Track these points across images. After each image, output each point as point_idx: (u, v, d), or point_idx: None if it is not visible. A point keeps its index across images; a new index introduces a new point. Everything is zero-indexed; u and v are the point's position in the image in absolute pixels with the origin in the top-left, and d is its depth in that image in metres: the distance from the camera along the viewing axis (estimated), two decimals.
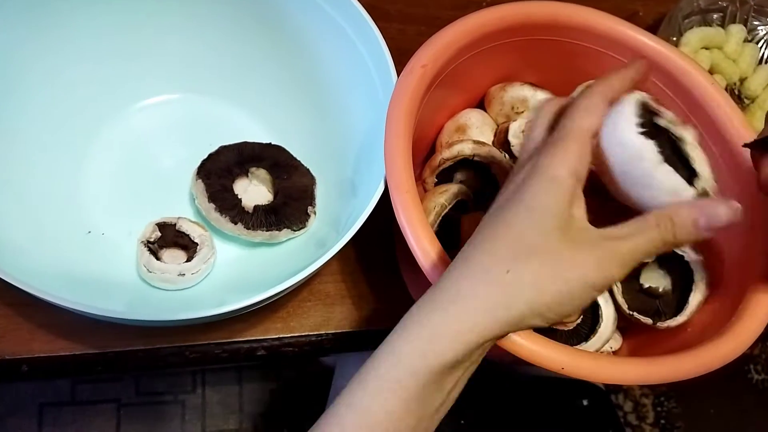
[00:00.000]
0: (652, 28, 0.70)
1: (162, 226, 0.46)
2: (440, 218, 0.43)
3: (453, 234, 0.45)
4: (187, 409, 0.78)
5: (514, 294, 0.28)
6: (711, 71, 0.63)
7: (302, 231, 0.48)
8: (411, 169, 0.39)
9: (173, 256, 0.46)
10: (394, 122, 0.40)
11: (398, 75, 0.45)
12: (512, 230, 0.29)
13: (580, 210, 0.29)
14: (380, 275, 0.51)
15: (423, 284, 0.39)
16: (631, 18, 0.70)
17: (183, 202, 0.50)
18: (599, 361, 0.35)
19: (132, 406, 0.76)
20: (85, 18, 0.46)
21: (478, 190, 0.48)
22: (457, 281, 0.29)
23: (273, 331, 0.48)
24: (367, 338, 0.50)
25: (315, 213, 0.49)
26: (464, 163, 0.46)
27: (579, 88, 0.44)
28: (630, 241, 0.28)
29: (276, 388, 0.80)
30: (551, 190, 0.28)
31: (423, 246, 0.36)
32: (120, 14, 0.48)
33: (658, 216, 0.29)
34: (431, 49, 0.43)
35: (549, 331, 0.43)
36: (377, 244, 0.51)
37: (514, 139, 0.47)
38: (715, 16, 0.66)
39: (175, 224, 0.46)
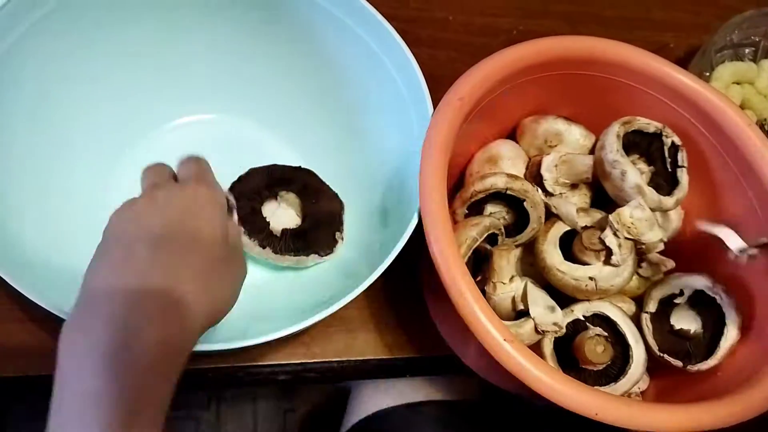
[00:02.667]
0: (683, 61, 0.70)
1: None
2: (471, 251, 0.43)
3: (482, 265, 0.45)
4: (201, 426, 0.78)
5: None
6: (742, 106, 0.63)
7: (329, 256, 0.48)
8: (446, 204, 0.39)
9: None
10: (431, 156, 0.39)
11: (430, 100, 0.45)
12: None
13: None
14: (404, 303, 0.51)
15: (449, 316, 0.38)
16: (662, 50, 0.70)
17: None
18: (632, 408, 0.35)
19: None
20: (123, 37, 0.47)
21: (509, 222, 0.48)
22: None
23: (295, 356, 0.48)
24: (388, 367, 0.50)
25: (342, 239, 0.49)
26: (496, 195, 0.46)
27: (615, 126, 0.44)
28: None
29: (291, 408, 0.79)
30: None
31: (456, 281, 0.36)
32: (156, 33, 0.48)
33: None
34: (469, 82, 0.42)
35: (577, 371, 0.42)
36: (402, 271, 0.50)
37: (547, 173, 0.47)
38: (747, 50, 0.66)
39: None
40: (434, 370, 0.52)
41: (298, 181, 0.50)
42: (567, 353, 0.43)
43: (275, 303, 0.46)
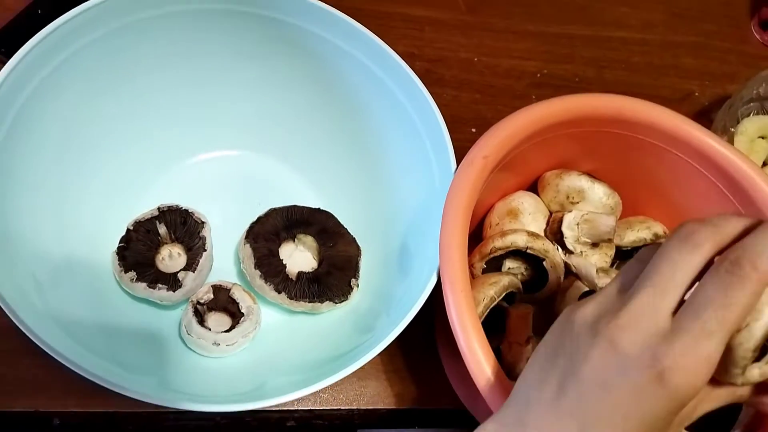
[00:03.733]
0: (708, 110, 0.70)
1: (216, 289, 0.46)
2: (488, 310, 0.42)
3: (499, 323, 0.45)
4: None
5: None
6: (766, 162, 0.62)
7: (344, 303, 0.47)
8: (467, 264, 0.38)
9: (219, 321, 0.46)
10: (453, 216, 0.39)
11: (452, 145, 0.44)
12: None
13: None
14: (417, 352, 0.50)
15: (462, 372, 0.38)
16: (687, 98, 0.70)
17: (227, 261, 0.50)
18: None
19: None
20: (146, 74, 0.47)
21: (526, 279, 0.47)
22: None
23: (305, 402, 0.47)
24: (398, 417, 0.49)
25: (358, 286, 0.48)
26: (516, 251, 0.45)
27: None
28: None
29: None
30: (663, 404, 0.24)
31: (473, 352, 0.35)
32: (180, 71, 0.48)
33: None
34: (494, 139, 0.42)
35: None
36: (416, 320, 0.50)
37: (568, 231, 0.46)
38: None
39: (229, 289, 0.46)
40: (444, 423, 0.51)
41: (316, 224, 0.50)
42: None
43: (291, 351, 0.46)
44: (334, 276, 0.48)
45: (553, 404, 0.27)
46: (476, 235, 0.51)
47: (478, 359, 0.35)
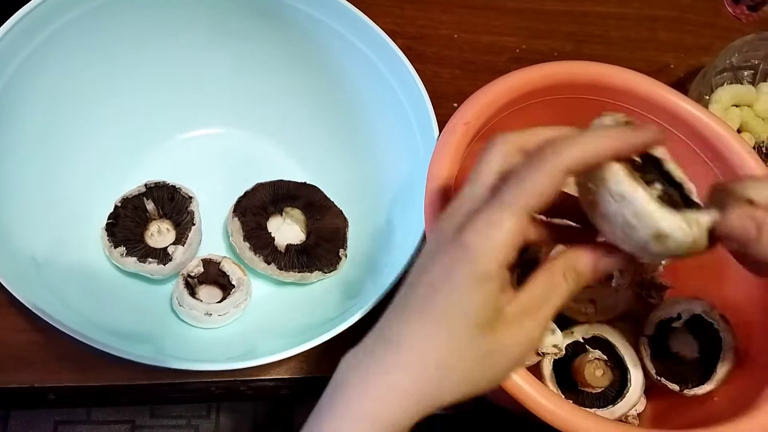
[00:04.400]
0: (683, 81, 0.71)
1: (207, 263, 0.46)
2: None
3: None
4: None
5: (446, 390, 0.27)
6: (740, 129, 0.64)
7: (332, 273, 0.48)
8: None
9: (210, 293, 0.46)
10: (436, 181, 0.40)
11: (435, 122, 0.45)
12: (442, 328, 0.27)
13: (507, 290, 0.28)
14: None
15: None
16: (663, 70, 0.71)
17: (216, 236, 0.51)
18: None
19: (146, 428, 0.77)
20: (132, 52, 0.47)
21: None
22: (387, 372, 0.27)
23: (298, 370, 0.48)
24: None
25: (346, 256, 0.49)
26: None
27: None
28: (547, 307, 0.28)
29: (290, 418, 0.80)
30: (482, 289, 0.26)
31: None
32: (166, 49, 0.49)
33: (564, 269, 0.28)
34: (475, 105, 0.43)
35: (576, 394, 0.43)
36: None
37: None
38: (746, 73, 0.67)
39: (219, 263, 0.46)
40: None
41: (303, 197, 0.51)
42: (566, 374, 0.43)
43: (280, 320, 0.47)
44: (322, 247, 0.49)
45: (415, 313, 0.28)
46: None
47: None
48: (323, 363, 0.49)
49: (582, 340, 0.44)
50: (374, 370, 0.28)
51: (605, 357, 0.43)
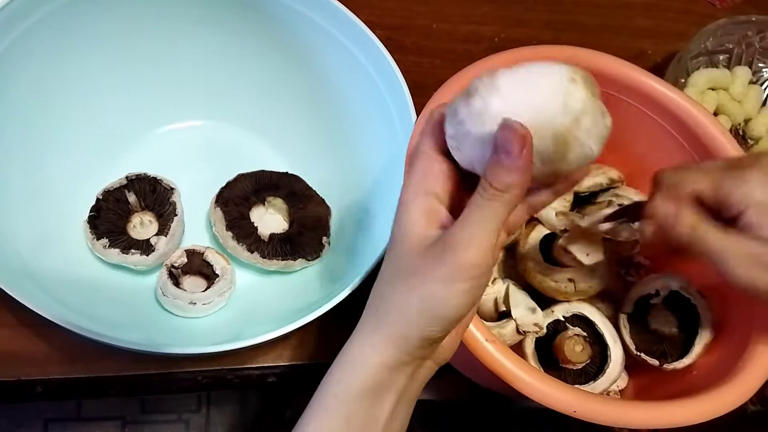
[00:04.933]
0: (660, 66, 0.72)
1: (190, 253, 0.47)
2: None
3: None
4: (191, 429, 0.78)
5: (408, 324, 0.29)
6: (716, 112, 0.65)
7: (316, 261, 0.49)
8: None
9: (195, 283, 0.47)
10: None
11: (414, 108, 0.46)
12: (392, 262, 0.30)
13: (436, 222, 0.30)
14: None
15: None
16: (640, 56, 0.72)
17: (200, 228, 0.51)
18: (610, 405, 0.36)
19: (136, 424, 0.77)
20: (113, 46, 0.48)
21: None
22: (366, 313, 0.32)
23: (285, 358, 0.49)
24: None
25: (329, 243, 0.50)
26: None
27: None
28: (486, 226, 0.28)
29: (281, 410, 0.80)
30: (403, 216, 0.30)
31: None
32: (147, 42, 0.49)
33: (486, 190, 0.28)
34: (451, 89, 0.44)
35: (557, 370, 0.44)
36: None
37: None
38: (721, 57, 0.68)
39: (203, 253, 0.47)
40: None
41: (285, 187, 0.51)
42: (548, 353, 0.44)
43: (265, 307, 0.47)
44: (305, 236, 0.49)
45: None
46: None
47: None
48: (308, 350, 0.49)
49: (562, 319, 0.44)
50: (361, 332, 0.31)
51: (585, 334, 0.43)
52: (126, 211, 0.47)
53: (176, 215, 0.47)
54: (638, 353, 0.44)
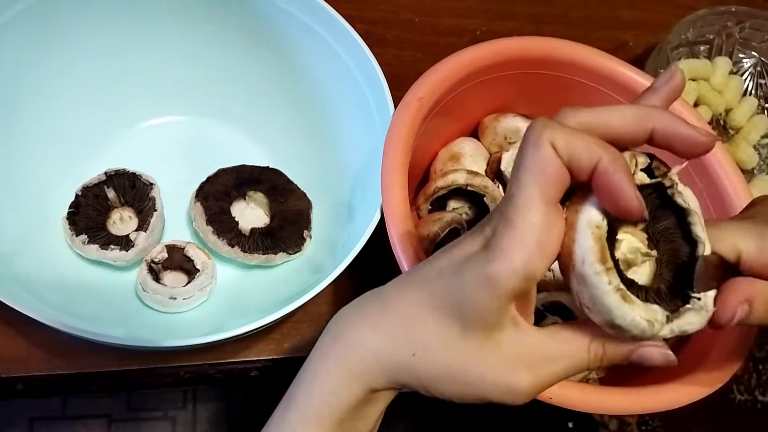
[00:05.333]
0: (642, 58, 0.72)
1: (171, 248, 0.46)
2: (434, 246, 0.44)
3: None
4: (177, 426, 0.79)
5: (410, 377, 0.27)
6: (697, 102, 0.65)
7: (297, 254, 0.49)
8: (407, 201, 0.40)
9: (176, 279, 0.47)
10: (391, 155, 0.41)
11: (394, 102, 0.46)
12: (436, 314, 0.26)
13: (522, 313, 0.26)
14: None
15: None
16: (621, 47, 0.72)
17: (181, 223, 0.51)
18: (586, 392, 0.36)
19: (123, 421, 0.77)
20: (92, 40, 0.47)
21: (470, 217, 0.49)
22: (369, 330, 0.28)
23: (267, 352, 0.49)
24: None
25: (311, 237, 0.50)
26: (458, 191, 0.47)
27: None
28: (553, 367, 0.27)
29: (266, 406, 0.80)
30: (486, 291, 0.24)
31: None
32: (126, 37, 0.49)
33: (592, 340, 0.27)
34: (428, 82, 0.44)
35: None
36: (370, 266, 0.51)
37: (507, 168, 0.48)
38: (702, 48, 0.68)
39: (183, 248, 0.47)
40: None
41: (266, 181, 0.51)
42: None
43: (246, 300, 0.47)
44: (286, 229, 0.49)
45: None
46: (424, 185, 0.53)
47: None
48: (291, 344, 0.49)
49: (541, 308, 0.45)
50: (358, 323, 0.28)
51: (562, 322, 0.44)
52: (105, 207, 0.47)
53: (156, 210, 0.47)
54: None
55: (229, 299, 0.47)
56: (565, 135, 0.24)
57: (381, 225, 0.42)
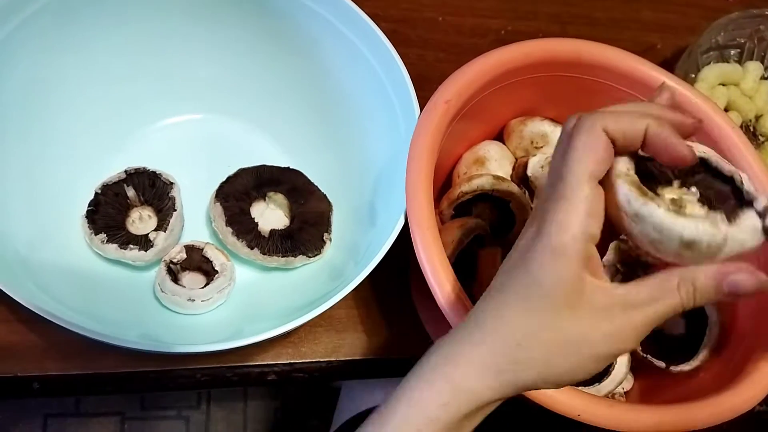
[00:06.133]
0: (670, 61, 0.71)
1: (189, 249, 0.46)
2: (457, 252, 0.43)
3: (469, 267, 0.46)
4: (191, 425, 0.78)
5: (524, 369, 0.28)
6: (727, 108, 0.64)
7: (317, 257, 0.48)
8: (432, 205, 0.39)
9: (194, 280, 0.46)
10: (417, 159, 0.40)
11: (418, 101, 0.45)
12: (523, 304, 0.28)
13: (595, 274, 0.27)
14: (393, 303, 0.51)
15: (437, 317, 0.39)
16: (649, 50, 0.71)
17: (199, 223, 0.50)
18: (615, 409, 0.35)
19: (136, 420, 0.76)
20: (111, 38, 0.47)
21: (495, 223, 0.48)
22: (472, 345, 0.29)
23: (284, 356, 0.48)
24: (376, 367, 0.50)
25: (330, 240, 0.49)
26: (482, 196, 0.46)
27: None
28: (649, 309, 0.27)
29: (280, 407, 0.79)
30: (558, 262, 0.27)
31: (442, 285, 0.36)
32: (149, 36, 0.48)
33: (681, 279, 0.27)
34: (455, 84, 0.43)
35: None
36: (391, 271, 0.50)
37: (533, 174, 0.47)
38: (732, 52, 0.66)
39: (202, 249, 0.46)
40: None
41: (286, 182, 0.50)
42: None
43: (265, 304, 0.46)
44: (306, 231, 0.48)
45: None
46: (446, 187, 0.52)
47: (447, 291, 0.36)
48: (308, 347, 0.49)
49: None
50: (459, 342, 0.29)
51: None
52: (125, 205, 0.47)
53: (175, 210, 0.46)
54: (644, 355, 0.43)
55: (248, 302, 0.46)
56: (613, 117, 0.28)
57: (403, 230, 0.41)
